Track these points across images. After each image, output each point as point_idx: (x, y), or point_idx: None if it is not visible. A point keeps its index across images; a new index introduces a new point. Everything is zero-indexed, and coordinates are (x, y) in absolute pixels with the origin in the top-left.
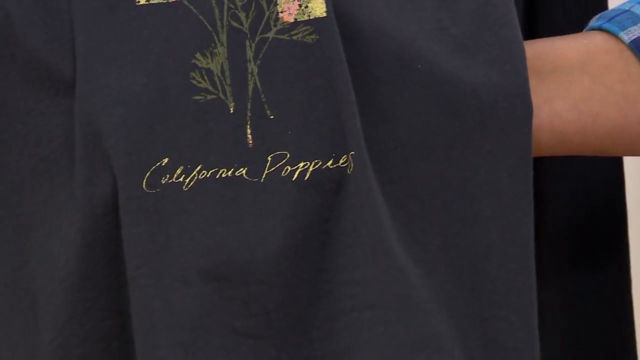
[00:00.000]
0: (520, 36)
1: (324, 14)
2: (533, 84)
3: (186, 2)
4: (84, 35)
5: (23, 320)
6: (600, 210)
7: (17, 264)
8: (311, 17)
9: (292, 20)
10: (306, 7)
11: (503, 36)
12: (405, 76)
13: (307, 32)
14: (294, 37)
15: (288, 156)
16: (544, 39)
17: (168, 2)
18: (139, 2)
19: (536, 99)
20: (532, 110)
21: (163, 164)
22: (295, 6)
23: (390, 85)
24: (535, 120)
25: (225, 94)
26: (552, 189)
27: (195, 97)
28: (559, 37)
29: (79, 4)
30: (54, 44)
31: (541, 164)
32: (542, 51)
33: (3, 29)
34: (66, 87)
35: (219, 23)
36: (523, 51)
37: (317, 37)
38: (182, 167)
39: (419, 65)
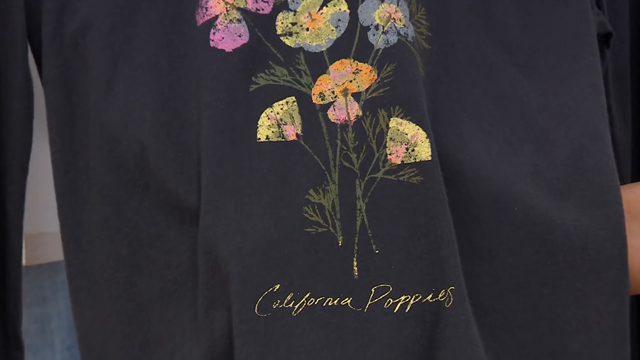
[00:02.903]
0: (616, 181)
1: (429, 158)
2: (634, 226)
3: (302, 142)
4: (208, 169)
5: None
6: None
7: None
8: (417, 160)
9: (399, 162)
10: (413, 150)
11: (596, 182)
12: (501, 217)
13: (413, 173)
14: (401, 178)
15: (391, 289)
16: None
17: (286, 141)
18: (259, 139)
19: (637, 241)
20: (624, 252)
21: (275, 290)
22: (402, 149)
23: (488, 225)
24: (637, 261)
25: (335, 227)
26: None
27: (307, 229)
28: None
29: (206, 139)
30: (183, 177)
31: None
32: None
33: (140, 161)
34: (192, 216)
35: (331, 162)
36: (618, 196)
37: (422, 178)
38: (292, 294)
39: (515, 208)
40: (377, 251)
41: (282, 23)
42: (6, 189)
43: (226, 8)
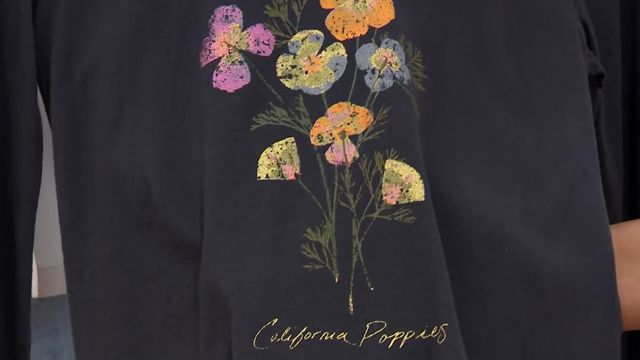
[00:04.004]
0: (605, 221)
1: (423, 198)
2: (626, 265)
3: (301, 182)
4: (210, 206)
5: None
6: None
7: None
8: (411, 201)
9: (394, 203)
10: (407, 191)
11: (585, 223)
12: (493, 257)
13: (407, 214)
14: (395, 218)
15: (385, 325)
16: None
17: (285, 180)
18: (259, 177)
19: (629, 279)
20: (613, 291)
21: (273, 324)
22: (397, 190)
23: (479, 264)
24: (629, 299)
25: (331, 265)
26: None
27: (304, 266)
28: None
29: (208, 177)
30: (186, 214)
31: None
32: (635, 234)
33: (144, 198)
34: (195, 253)
35: (329, 203)
36: (607, 237)
37: (416, 218)
38: (289, 328)
39: (506, 248)
40: (372, 288)
41: (282, 65)
42: (16, 222)
43: (229, 50)
